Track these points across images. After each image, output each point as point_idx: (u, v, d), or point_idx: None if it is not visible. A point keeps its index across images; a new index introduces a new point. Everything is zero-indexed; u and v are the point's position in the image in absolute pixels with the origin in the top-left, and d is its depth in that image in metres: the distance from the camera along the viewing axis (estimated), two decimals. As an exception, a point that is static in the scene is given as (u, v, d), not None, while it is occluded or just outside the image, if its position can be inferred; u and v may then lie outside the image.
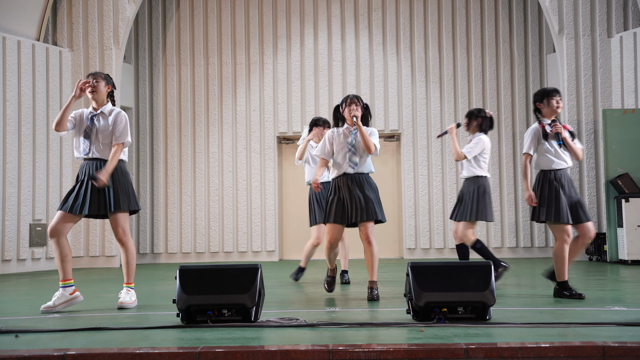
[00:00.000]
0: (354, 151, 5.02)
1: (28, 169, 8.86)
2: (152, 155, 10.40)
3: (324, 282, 5.48)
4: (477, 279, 3.69)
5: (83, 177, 4.66)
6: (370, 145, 4.97)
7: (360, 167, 5.03)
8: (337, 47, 10.47)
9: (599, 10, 9.53)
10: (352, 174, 5.00)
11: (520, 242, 10.08)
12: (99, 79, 4.76)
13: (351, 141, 5.04)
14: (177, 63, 10.51)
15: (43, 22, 9.35)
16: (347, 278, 6.21)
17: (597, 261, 9.02)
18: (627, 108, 8.93)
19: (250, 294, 3.70)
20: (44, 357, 2.97)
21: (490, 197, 5.89)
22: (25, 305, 4.91)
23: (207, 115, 10.42)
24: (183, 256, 10.23)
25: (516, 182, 10.17)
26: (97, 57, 9.56)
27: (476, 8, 10.40)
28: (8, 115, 8.67)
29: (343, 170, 5.02)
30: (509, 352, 2.95)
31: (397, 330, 3.46)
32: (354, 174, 5.01)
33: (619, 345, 2.95)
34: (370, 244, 4.96)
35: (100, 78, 4.77)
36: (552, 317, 3.84)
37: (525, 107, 10.24)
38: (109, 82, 4.82)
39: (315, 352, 2.97)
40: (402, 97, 10.31)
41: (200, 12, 10.53)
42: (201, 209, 10.25)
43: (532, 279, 6.62)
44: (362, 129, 4.93)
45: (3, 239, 8.53)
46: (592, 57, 9.50)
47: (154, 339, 3.33)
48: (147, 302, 4.97)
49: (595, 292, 5.28)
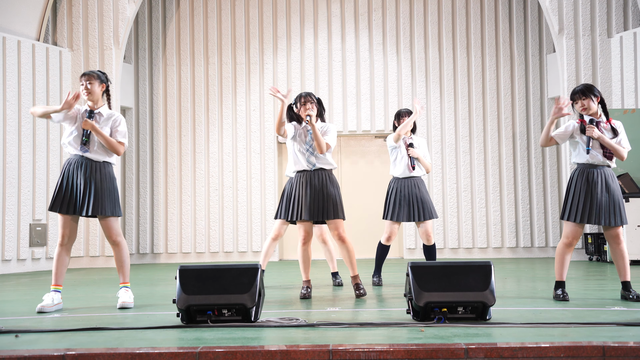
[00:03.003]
0: (312, 152, 5.03)
1: (28, 169, 8.86)
2: (152, 155, 10.40)
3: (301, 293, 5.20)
4: (477, 279, 3.69)
5: (70, 176, 4.63)
6: (322, 145, 4.95)
7: (320, 164, 5.04)
8: (337, 47, 10.47)
9: (599, 10, 9.53)
10: (311, 171, 5.03)
11: (520, 242, 10.08)
12: (92, 79, 4.72)
13: (308, 141, 5.03)
14: (177, 63, 10.51)
15: (43, 22, 9.35)
16: (340, 280, 6.07)
17: (597, 261, 9.02)
18: (627, 108, 8.93)
19: (250, 294, 3.70)
20: (44, 357, 2.97)
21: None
22: (25, 305, 4.91)
23: (207, 115, 10.42)
24: (183, 256, 10.23)
25: (516, 182, 10.17)
26: (97, 57, 9.56)
27: (476, 8, 10.40)
28: (8, 115, 8.67)
29: (302, 168, 5.05)
30: (509, 352, 2.95)
31: (397, 330, 3.46)
32: (314, 171, 5.03)
33: (619, 345, 2.95)
34: (343, 241, 5.02)
35: (94, 78, 4.73)
36: (552, 317, 3.84)
37: (525, 107, 10.24)
38: (103, 80, 4.78)
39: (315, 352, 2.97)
40: (402, 97, 10.30)
41: (200, 12, 10.53)
42: (201, 209, 10.25)
43: (532, 279, 6.62)
44: (315, 128, 4.92)
45: (3, 239, 8.53)
46: (592, 57, 9.50)
47: (154, 339, 3.33)
48: (147, 302, 4.97)
49: (595, 292, 5.27)
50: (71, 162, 4.67)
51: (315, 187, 4.99)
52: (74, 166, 4.64)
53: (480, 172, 10.18)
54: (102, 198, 4.63)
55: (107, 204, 4.66)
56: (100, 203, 4.62)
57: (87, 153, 4.64)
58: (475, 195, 10.15)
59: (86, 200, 4.60)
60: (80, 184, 4.60)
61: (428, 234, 5.97)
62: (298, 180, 5.08)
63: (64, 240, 4.63)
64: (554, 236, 10.03)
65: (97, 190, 4.62)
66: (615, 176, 4.79)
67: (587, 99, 4.74)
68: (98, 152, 4.67)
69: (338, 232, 5.00)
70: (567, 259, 4.77)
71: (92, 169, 4.64)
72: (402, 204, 5.94)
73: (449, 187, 10.17)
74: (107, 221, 4.70)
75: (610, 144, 4.67)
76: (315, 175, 5.02)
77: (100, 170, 4.67)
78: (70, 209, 4.60)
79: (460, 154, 10.21)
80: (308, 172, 5.05)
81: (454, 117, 10.25)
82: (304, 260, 5.17)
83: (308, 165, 5.03)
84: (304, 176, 5.05)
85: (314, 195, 4.98)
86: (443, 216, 10.13)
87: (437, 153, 10.21)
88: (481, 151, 10.21)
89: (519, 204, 10.12)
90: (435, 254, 6.09)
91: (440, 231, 10.12)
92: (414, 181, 6.02)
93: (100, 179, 4.65)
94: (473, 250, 10.11)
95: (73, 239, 4.69)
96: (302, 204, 5.01)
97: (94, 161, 4.66)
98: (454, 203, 10.14)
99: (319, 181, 5.01)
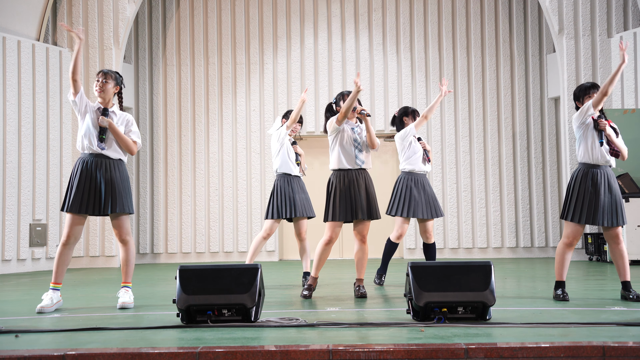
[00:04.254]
0: (360, 148, 5.02)
1: (28, 169, 8.86)
2: (152, 155, 10.40)
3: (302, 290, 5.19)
4: (477, 279, 3.69)
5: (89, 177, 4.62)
6: (374, 141, 4.99)
7: (366, 163, 5.04)
8: (337, 47, 10.47)
9: (599, 10, 9.53)
10: (357, 170, 5.01)
11: (520, 242, 10.08)
12: (109, 78, 4.74)
13: (357, 138, 5.03)
14: (177, 63, 10.51)
15: (43, 22, 9.35)
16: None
17: (597, 261, 9.02)
18: (627, 108, 8.93)
19: (250, 294, 3.70)
20: (44, 357, 2.97)
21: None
22: (25, 305, 4.91)
23: (207, 115, 10.42)
24: (183, 256, 10.23)
25: (516, 182, 10.17)
26: (97, 57, 9.56)
27: (476, 8, 10.40)
28: (8, 115, 8.67)
29: (349, 166, 5.00)
30: (509, 352, 2.95)
31: (397, 330, 3.46)
32: (359, 170, 5.02)
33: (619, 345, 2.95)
34: (365, 243, 5.04)
35: (110, 78, 4.75)
36: (552, 317, 3.84)
37: (525, 107, 10.24)
38: (119, 82, 4.81)
39: (315, 352, 2.97)
40: (402, 97, 10.30)
41: (200, 12, 10.53)
42: (201, 209, 10.26)
43: (532, 279, 6.62)
44: (369, 124, 4.94)
45: (3, 239, 8.53)
46: (592, 57, 9.50)
47: (154, 339, 3.33)
48: (147, 302, 4.97)
49: (595, 292, 5.27)
50: (87, 162, 4.64)
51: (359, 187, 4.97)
52: (92, 166, 4.63)
53: (480, 172, 10.18)
54: (121, 196, 4.67)
55: (125, 202, 4.69)
56: (121, 201, 4.66)
57: (104, 150, 4.64)
58: (475, 195, 10.15)
59: (110, 200, 4.62)
60: (101, 184, 4.60)
61: (429, 232, 5.98)
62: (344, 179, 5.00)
63: (70, 240, 4.62)
64: (554, 236, 10.03)
65: (118, 189, 4.65)
66: (614, 176, 4.81)
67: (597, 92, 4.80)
68: (115, 150, 4.69)
69: (365, 233, 5.05)
70: (567, 259, 4.77)
71: (110, 168, 4.67)
72: (417, 200, 5.87)
73: (449, 187, 10.17)
74: (120, 219, 4.71)
75: (617, 143, 4.72)
76: (361, 175, 5.02)
77: (118, 168, 4.71)
78: (91, 209, 4.59)
79: (460, 154, 10.21)
80: (353, 171, 5.01)
81: (454, 117, 10.25)
82: (322, 258, 5.10)
83: (357, 162, 5.01)
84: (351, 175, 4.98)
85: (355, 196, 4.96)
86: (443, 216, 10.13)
87: (437, 153, 10.20)
88: (481, 151, 10.21)
89: (519, 204, 10.12)
90: (435, 252, 6.09)
91: (440, 231, 10.12)
92: (426, 177, 6.04)
93: (120, 177, 4.70)
94: (473, 250, 10.11)
95: (77, 239, 4.69)
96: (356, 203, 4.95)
97: (110, 160, 4.68)
98: (454, 203, 10.14)
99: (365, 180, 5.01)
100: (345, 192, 4.96)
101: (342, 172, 5.03)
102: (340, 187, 4.98)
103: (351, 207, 4.95)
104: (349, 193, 4.95)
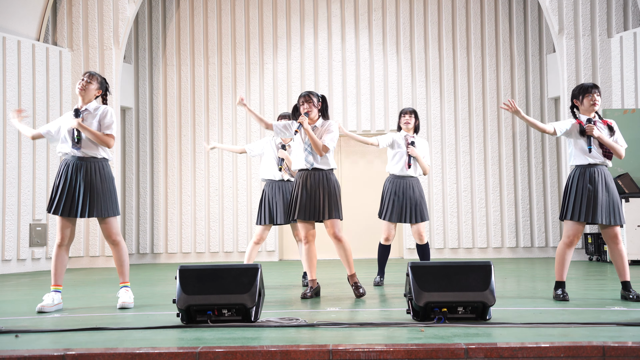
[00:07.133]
0: (310, 151, 5.01)
1: (28, 169, 8.86)
2: (152, 155, 10.40)
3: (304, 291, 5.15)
4: (477, 279, 3.69)
5: (69, 179, 4.61)
6: (318, 146, 4.93)
7: (318, 164, 5.01)
8: (337, 47, 10.47)
9: (599, 10, 9.53)
10: (310, 170, 5.02)
11: (520, 242, 10.08)
12: (93, 80, 4.71)
13: (307, 140, 5.02)
14: (177, 63, 10.51)
15: (43, 22, 9.35)
16: (306, 281, 5.86)
17: (597, 261, 9.02)
18: (627, 108, 8.93)
19: (250, 294, 3.70)
20: (44, 357, 2.97)
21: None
22: (25, 305, 4.91)
23: (207, 115, 10.42)
24: (183, 256, 10.23)
25: (516, 182, 10.17)
26: (97, 57, 9.56)
27: (476, 8, 10.40)
28: (8, 116, 8.67)
29: (301, 167, 5.05)
30: (509, 352, 2.94)
31: (397, 330, 3.46)
32: (312, 171, 5.01)
33: (619, 345, 2.95)
34: (339, 240, 5.02)
35: (96, 81, 4.73)
36: (552, 317, 3.83)
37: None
38: (102, 86, 4.77)
39: (315, 352, 2.97)
40: (402, 97, 10.31)
41: (200, 12, 10.53)
42: (201, 209, 10.25)
43: (532, 279, 6.62)
44: (309, 131, 4.90)
45: (3, 239, 8.54)
46: (592, 57, 9.50)
47: (154, 339, 3.33)
48: (147, 302, 4.97)
49: (595, 292, 5.27)
50: (69, 164, 4.63)
51: (312, 187, 4.99)
52: (72, 169, 4.61)
53: (480, 172, 10.18)
54: (102, 200, 4.62)
55: (108, 205, 4.65)
56: (102, 205, 4.62)
57: (80, 150, 4.60)
58: (475, 195, 10.15)
59: (87, 203, 4.58)
60: (80, 187, 4.58)
61: (420, 234, 5.98)
62: (297, 180, 5.08)
63: (64, 241, 4.64)
64: (554, 236, 10.03)
65: (97, 193, 4.60)
66: (611, 176, 4.82)
67: (599, 95, 4.79)
68: (90, 147, 4.62)
69: (333, 231, 5.00)
70: (567, 259, 4.77)
71: (91, 170, 4.61)
72: (395, 204, 5.94)
73: (449, 187, 10.17)
74: (107, 222, 4.70)
75: (609, 143, 4.69)
76: (312, 175, 5.02)
77: (99, 170, 4.65)
78: (71, 212, 4.59)
79: (460, 154, 10.21)
80: (305, 172, 5.05)
81: (454, 117, 10.25)
82: (308, 259, 5.12)
83: (306, 165, 5.03)
84: (302, 176, 5.05)
85: (309, 195, 4.98)
86: (443, 216, 10.14)
87: (437, 153, 10.21)
88: (481, 151, 10.21)
89: (519, 204, 10.12)
90: (428, 253, 6.09)
91: (440, 231, 10.12)
92: (410, 181, 5.99)
93: (100, 180, 4.63)
94: (473, 250, 10.11)
95: (72, 240, 4.70)
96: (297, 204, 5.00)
97: (90, 161, 4.63)
98: (453, 203, 10.14)
99: (315, 181, 5.00)
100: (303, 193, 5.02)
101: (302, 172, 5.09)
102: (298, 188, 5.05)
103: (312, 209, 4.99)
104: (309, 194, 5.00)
